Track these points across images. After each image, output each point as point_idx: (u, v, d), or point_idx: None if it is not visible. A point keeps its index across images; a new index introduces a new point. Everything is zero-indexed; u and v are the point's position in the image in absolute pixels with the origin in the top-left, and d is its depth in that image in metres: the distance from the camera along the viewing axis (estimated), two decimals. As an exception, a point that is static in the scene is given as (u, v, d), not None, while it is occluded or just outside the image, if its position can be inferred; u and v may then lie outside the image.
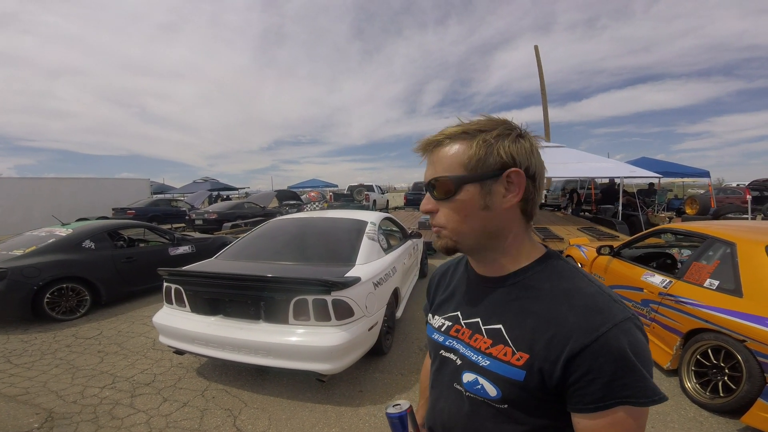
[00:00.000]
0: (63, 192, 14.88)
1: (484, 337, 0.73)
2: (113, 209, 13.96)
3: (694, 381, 2.80)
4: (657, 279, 3.38)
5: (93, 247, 4.91)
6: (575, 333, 0.62)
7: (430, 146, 0.73)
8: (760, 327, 2.38)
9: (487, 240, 0.73)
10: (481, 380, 0.71)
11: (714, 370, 2.69)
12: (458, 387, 0.77)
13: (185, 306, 2.94)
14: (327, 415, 2.60)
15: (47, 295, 4.34)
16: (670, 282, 3.22)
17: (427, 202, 0.74)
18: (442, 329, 0.84)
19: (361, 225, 3.80)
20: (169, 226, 11.72)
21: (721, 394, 2.59)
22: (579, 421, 0.64)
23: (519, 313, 0.70)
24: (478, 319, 0.76)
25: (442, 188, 0.70)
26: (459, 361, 0.77)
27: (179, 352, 3.05)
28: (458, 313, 0.82)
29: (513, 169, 0.68)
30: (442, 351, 0.83)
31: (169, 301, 3.03)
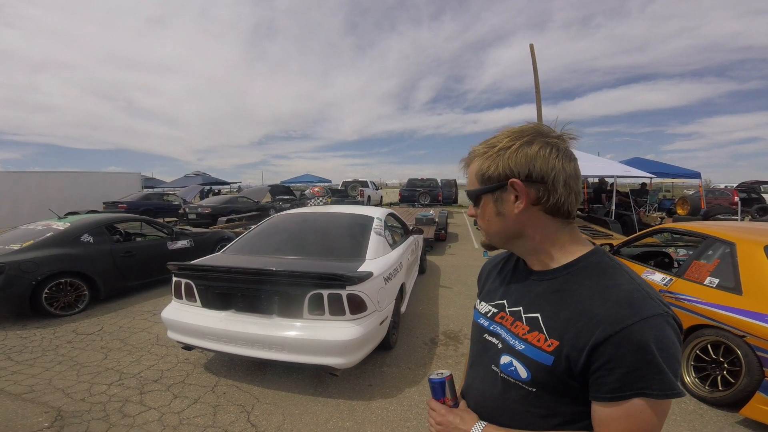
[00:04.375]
0: (52, 186, 14.58)
1: (523, 324, 0.80)
2: (104, 203, 13.70)
3: (694, 375, 2.89)
4: (657, 277, 3.47)
5: (91, 241, 4.83)
6: (602, 323, 0.67)
7: (465, 164, 0.87)
8: (760, 323, 2.47)
9: (511, 240, 0.83)
10: (515, 363, 0.78)
11: (713, 365, 2.78)
12: (495, 368, 0.84)
13: (196, 301, 2.92)
14: (339, 409, 2.62)
15: (45, 290, 4.26)
16: (671, 280, 3.31)
17: (470, 208, 0.88)
18: (488, 315, 0.91)
19: (367, 220, 3.82)
20: (161, 221, 11.58)
21: (720, 388, 2.69)
22: (597, 409, 0.69)
23: (555, 305, 0.76)
24: (521, 308, 0.83)
25: (470, 199, 0.85)
26: (500, 345, 0.84)
27: (188, 347, 3.04)
28: (504, 301, 0.88)
29: (511, 179, 0.76)
30: (486, 335, 0.90)
31: (179, 296, 3.01)
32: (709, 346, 2.81)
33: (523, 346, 0.77)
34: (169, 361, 3.33)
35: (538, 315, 0.78)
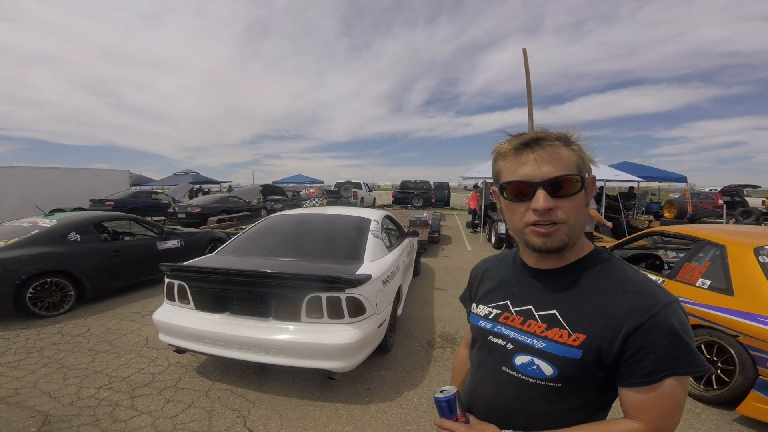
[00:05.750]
0: (37, 182, 14.15)
1: (538, 322, 0.80)
2: (91, 200, 13.38)
3: (688, 375, 2.93)
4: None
5: (79, 239, 4.68)
6: (631, 314, 0.71)
7: (537, 143, 0.76)
8: (752, 323, 2.52)
9: (582, 234, 0.81)
10: (537, 361, 0.78)
11: (706, 364, 2.83)
12: (507, 370, 0.83)
13: (189, 303, 2.84)
14: (338, 413, 2.58)
15: (30, 290, 4.11)
16: (663, 282, 3.35)
17: (546, 200, 0.74)
18: (490, 317, 0.91)
19: (365, 223, 3.78)
20: (149, 219, 11.39)
21: (715, 387, 2.73)
22: (629, 395, 0.72)
23: (572, 300, 0.78)
24: (531, 307, 0.83)
25: (570, 185, 0.75)
26: (510, 346, 0.84)
27: (180, 350, 2.96)
28: (507, 302, 0.88)
29: (593, 175, 0.81)
30: (490, 337, 0.89)
31: (171, 298, 2.93)
32: (702, 346, 2.86)
33: (544, 344, 0.78)
34: (160, 365, 3.24)
35: (554, 312, 0.79)
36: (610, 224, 6.32)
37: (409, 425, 2.47)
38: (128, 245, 5.35)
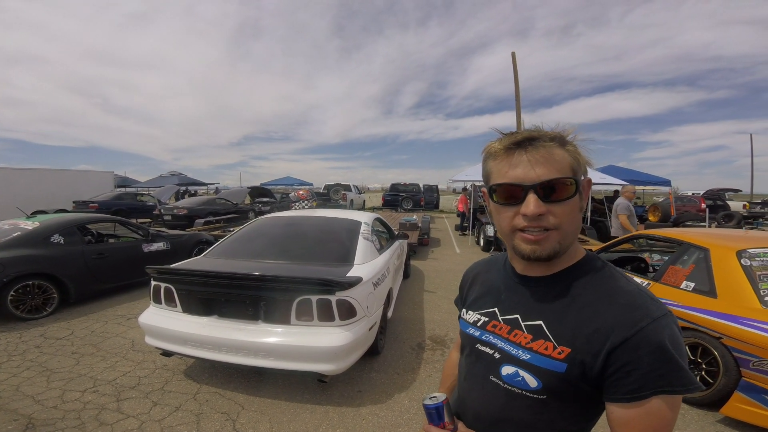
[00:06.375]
0: (19, 183, 13.79)
1: (524, 332, 0.78)
2: (74, 202, 13.07)
3: (672, 376, 2.98)
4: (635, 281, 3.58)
5: (62, 242, 4.58)
6: (616, 327, 0.67)
7: (530, 143, 0.71)
8: (735, 325, 2.58)
9: (574, 241, 0.77)
10: (522, 372, 0.76)
11: (691, 366, 2.89)
12: (494, 379, 0.81)
13: (176, 306, 2.80)
14: (329, 416, 2.56)
15: (11, 293, 4.00)
16: (648, 284, 3.42)
17: (537, 205, 0.69)
18: (478, 324, 0.88)
19: (355, 225, 3.78)
20: (134, 221, 11.20)
21: None
22: (614, 410, 0.69)
23: (559, 311, 0.75)
24: (517, 316, 0.80)
25: (563, 189, 0.70)
26: (497, 355, 0.81)
27: (167, 353, 2.91)
28: (495, 309, 0.86)
29: (588, 177, 0.77)
30: (478, 345, 0.87)
31: (158, 301, 2.88)
32: (687, 347, 2.92)
33: (529, 356, 0.75)
34: (146, 368, 3.18)
35: (540, 322, 0.76)
36: (633, 230, 6.01)
37: (400, 427, 2.46)
38: (113, 247, 5.25)
